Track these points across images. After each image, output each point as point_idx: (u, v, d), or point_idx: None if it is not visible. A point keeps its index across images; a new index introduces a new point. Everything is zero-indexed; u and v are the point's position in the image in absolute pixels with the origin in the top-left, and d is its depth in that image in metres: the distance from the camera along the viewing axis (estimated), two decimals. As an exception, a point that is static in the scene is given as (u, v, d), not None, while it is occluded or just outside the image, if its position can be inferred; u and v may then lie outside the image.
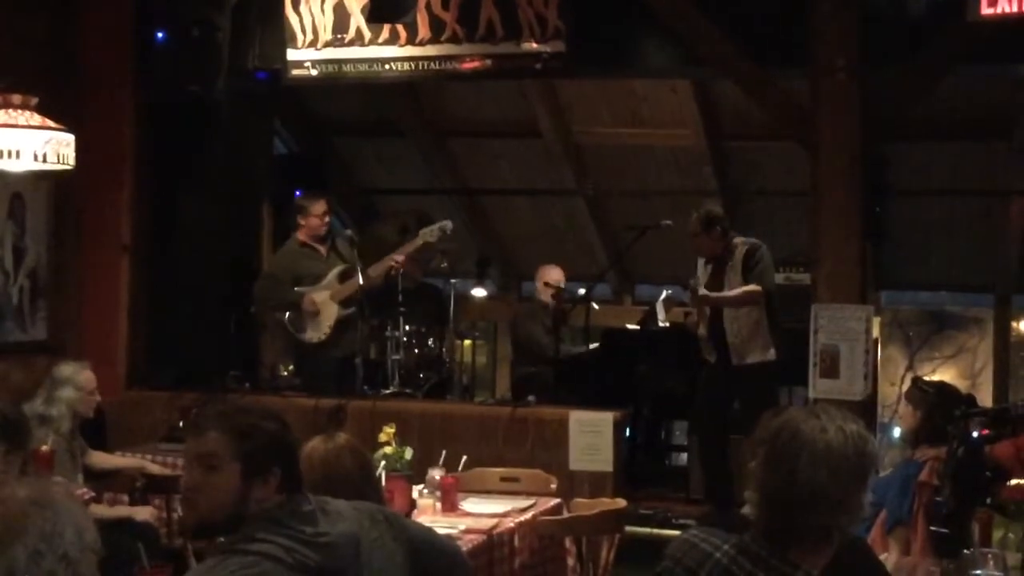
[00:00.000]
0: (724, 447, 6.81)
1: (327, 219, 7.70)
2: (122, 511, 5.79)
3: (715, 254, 6.92)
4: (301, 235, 7.67)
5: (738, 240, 6.95)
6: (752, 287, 6.77)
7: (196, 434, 2.69)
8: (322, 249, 7.66)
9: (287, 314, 7.53)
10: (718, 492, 6.85)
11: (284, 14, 7.72)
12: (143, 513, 5.71)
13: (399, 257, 7.53)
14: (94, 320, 7.76)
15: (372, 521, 2.73)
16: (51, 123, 5.82)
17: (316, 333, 7.52)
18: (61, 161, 5.81)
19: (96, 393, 5.88)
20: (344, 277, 7.50)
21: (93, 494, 5.61)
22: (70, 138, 5.84)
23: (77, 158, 5.93)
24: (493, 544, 4.63)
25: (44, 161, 5.75)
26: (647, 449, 8.40)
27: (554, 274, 8.52)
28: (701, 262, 7.07)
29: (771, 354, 6.78)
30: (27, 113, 5.74)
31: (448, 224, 7.57)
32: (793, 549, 2.25)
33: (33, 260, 7.48)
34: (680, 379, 7.92)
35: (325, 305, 7.49)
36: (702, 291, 6.84)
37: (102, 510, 5.65)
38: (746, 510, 2.87)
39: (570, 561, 5.04)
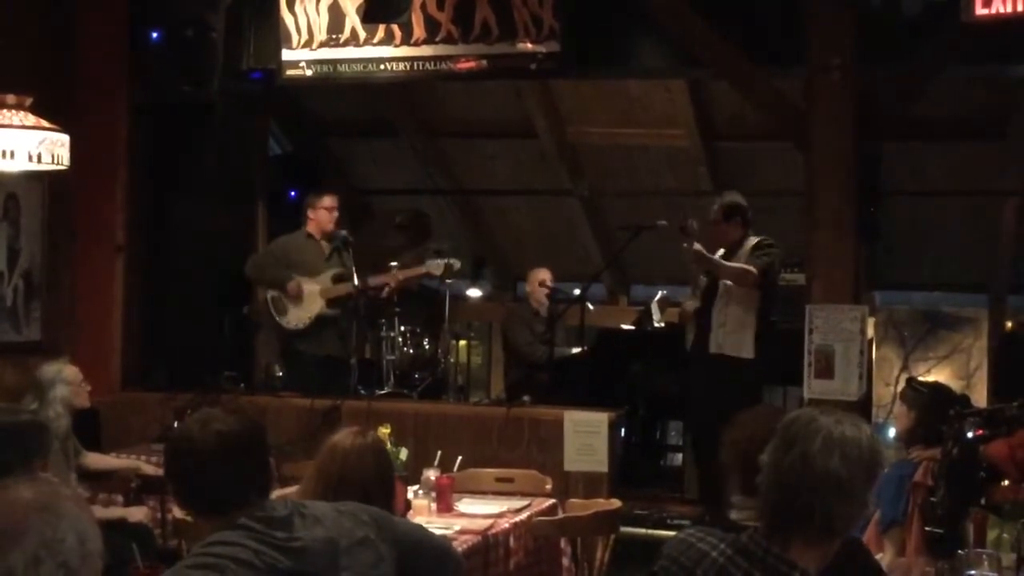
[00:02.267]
0: (714, 444, 6.75)
1: (335, 214, 7.72)
2: (116, 512, 5.78)
3: (729, 245, 6.86)
4: (309, 227, 7.71)
5: (753, 235, 6.90)
6: (748, 266, 6.68)
7: None
8: (326, 247, 7.69)
9: (270, 294, 7.57)
10: (713, 491, 6.83)
11: (279, 14, 7.72)
12: (138, 514, 5.71)
13: (399, 276, 7.57)
14: (88, 320, 7.75)
15: (357, 522, 2.73)
16: (45, 123, 5.81)
17: (295, 319, 7.55)
18: (55, 161, 5.80)
19: (86, 383, 5.90)
20: (338, 279, 7.53)
21: (87, 495, 5.61)
22: (64, 138, 5.83)
23: (71, 158, 5.92)
24: (488, 545, 4.63)
25: (39, 161, 5.75)
26: (642, 449, 8.40)
27: (540, 275, 8.53)
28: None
29: (747, 351, 6.65)
30: (21, 113, 5.73)
31: (456, 263, 7.64)
32: (793, 545, 2.25)
33: (27, 260, 7.46)
34: (675, 379, 7.92)
35: (312, 297, 7.54)
36: (698, 247, 6.70)
37: (96, 511, 5.64)
38: (734, 515, 2.87)
39: (565, 562, 5.05)
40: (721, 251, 6.89)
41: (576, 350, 8.29)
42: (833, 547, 2.30)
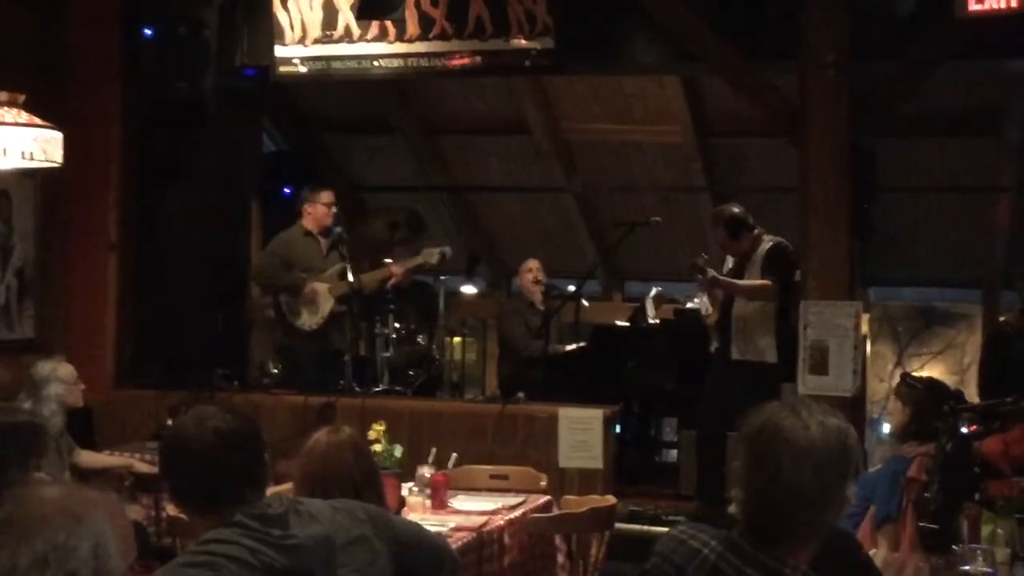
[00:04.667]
0: (723, 444, 6.76)
1: (333, 210, 7.64)
2: (110, 510, 5.77)
3: (746, 253, 6.88)
4: (306, 223, 7.63)
5: (766, 237, 6.92)
6: (764, 281, 6.72)
7: None
8: (323, 242, 7.64)
9: (282, 297, 7.53)
10: (709, 489, 6.84)
11: (272, 11, 7.70)
12: (131, 512, 5.70)
13: (398, 271, 7.55)
14: (81, 318, 7.73)
15: (353, 520, 2.72)
16: (38, 121, 5.79)
17: (310, 320, 7.49)
18: (48, 159, 5.78)
19: (80, 382, 5.90)
20: (343, 275, 7.48)
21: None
22: (57, 136, 5.81)
23: (64, 156, 5.90)
24: (483, 542, 4.62)
25: (31, 159, 5.72)
26: (637, 446, 8.39)
27: (529, 265, 8.50)
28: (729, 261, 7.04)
29: (771, 356, 6.73)
30: (14, 111, 5.71)
31: (448, 250, 7.60)
32: (780, 547, 2.25)
33: (20, 258, 7.45)
34: (670, 375, 7.92)
35: (323, 295, 7.49)
36: (712, 272, 6.78)
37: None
38: (732, 508, 2.87)
39: (560, 558, 5.04)
40: (730, 263, 6.96)
41: (571, 347, 8.28)
42: (818, 542, 2.28)
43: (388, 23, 7.41)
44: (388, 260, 7.88)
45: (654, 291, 8.30)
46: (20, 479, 3.99)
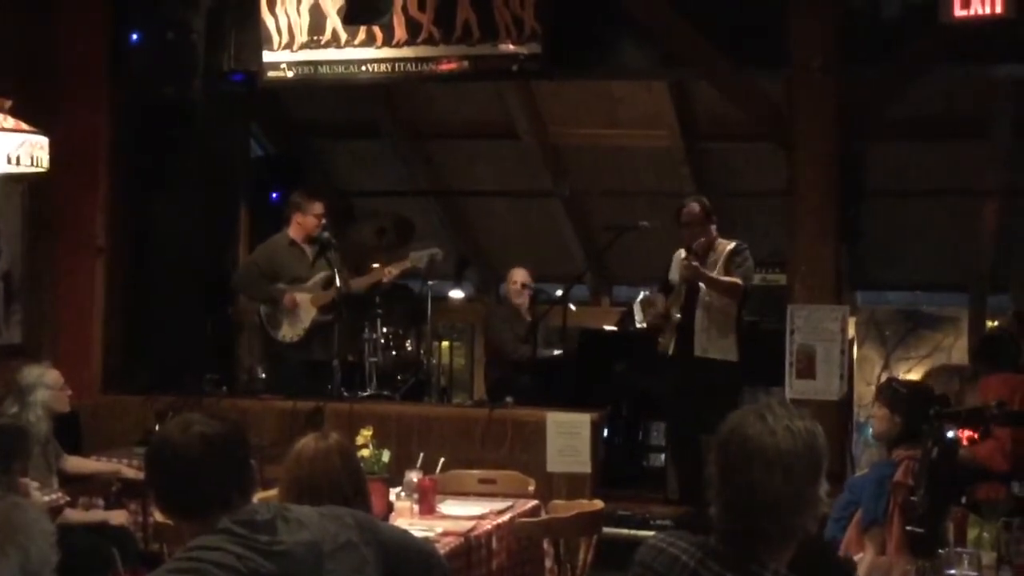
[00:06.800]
0: (697, 446, 6.76)
1: (323, 221, 7.57)
2: (97, 516, 5.77)
3: (701, 246, 6.86)
4: (292, 232, 7.56)
5: (723, 240, 6.93)
6: (736, 280, 6.74)
7: None
8: (309, 251, 7.58)
9: (263, 309, 7.49)
10: (691, 492, 6.84)
11: (260, 16, 7.70)
12: (119, 517, 5.69)
13: (393, 271, 7.53)
14: (69, 323, 7.72)
15: (340, 526, 2.72)
16: (25, 125, 5.78)
17: (291, 332, 7.44)
18: (35, 164, 5.77)
19: (67, 388, 5.89)
20: (327, 284, 7.42)
21: (68, 499, 5.59)
22: (44, 140, 5.81)
23: (52, 160, 5.89)
24: (471, 546, 4.62)
25: (18, 164, 5.72)
26: (625, 450, 8.40)
27: (516, 275, 8.50)
28: (679, 259, 7.03)
29: (733, 354, 6.74)
30: (0, 116, 5.70)
31: (439, 253, 7.58)
32: (757, 552, 2.26)
33: (7, 263, 7.43)
34: (658, 380, 7.92)
35: (304, 307, 7.43)
36: (696, 263, 6.77)
37: (77, 515, 5.63)
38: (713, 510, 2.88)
39: (548, 563, 5.05)
40: (681, 258, 6.94)
41: (556, 352, 8.29)
42: (794, 545, 2.29)
43: (375, 28, 7.41)
44: (376, 265, 7.86)
45: (642, 295, 8.30)
46: (3, 481, 3.99)
